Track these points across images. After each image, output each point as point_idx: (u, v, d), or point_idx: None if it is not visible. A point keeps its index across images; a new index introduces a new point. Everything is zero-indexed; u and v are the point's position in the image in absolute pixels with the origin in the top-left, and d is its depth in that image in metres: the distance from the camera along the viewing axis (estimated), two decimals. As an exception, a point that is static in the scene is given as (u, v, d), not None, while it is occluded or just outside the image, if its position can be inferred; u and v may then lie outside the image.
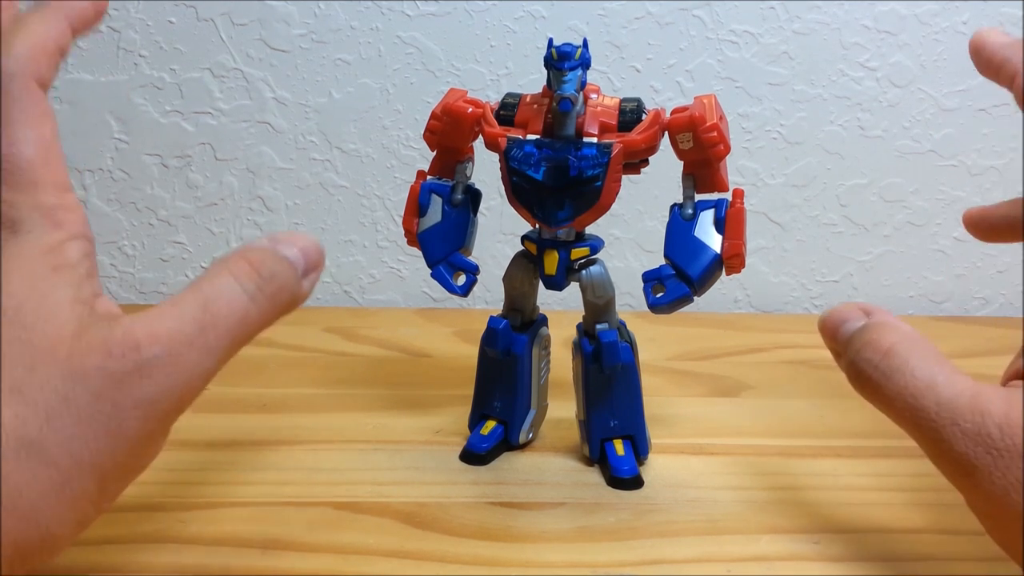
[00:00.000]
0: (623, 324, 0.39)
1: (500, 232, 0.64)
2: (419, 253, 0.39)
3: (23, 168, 0.26)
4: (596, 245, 0.38)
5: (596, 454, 0.39)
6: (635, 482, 0.38)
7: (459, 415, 0.42)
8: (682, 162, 0.37)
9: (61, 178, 0.27)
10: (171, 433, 0.35)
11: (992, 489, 0.27)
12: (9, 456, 0.23)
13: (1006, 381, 0.30)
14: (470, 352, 0.42)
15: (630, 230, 0.64)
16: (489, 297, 0.65)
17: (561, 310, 0.45)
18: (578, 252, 0.37)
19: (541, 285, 0.38)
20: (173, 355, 0.25)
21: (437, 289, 0.64)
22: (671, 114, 0.36)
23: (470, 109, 0.38)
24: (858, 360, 0.30)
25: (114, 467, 0.25)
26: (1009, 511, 0.27)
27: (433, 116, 0.39)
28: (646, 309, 0.36)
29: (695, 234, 0.36)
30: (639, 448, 0.39)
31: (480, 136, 0.38)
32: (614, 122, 0.36)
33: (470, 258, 0.40)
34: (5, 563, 0.23)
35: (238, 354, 0.28)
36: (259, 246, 0.29)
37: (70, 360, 0.24)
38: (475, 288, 0.40)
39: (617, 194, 0.36)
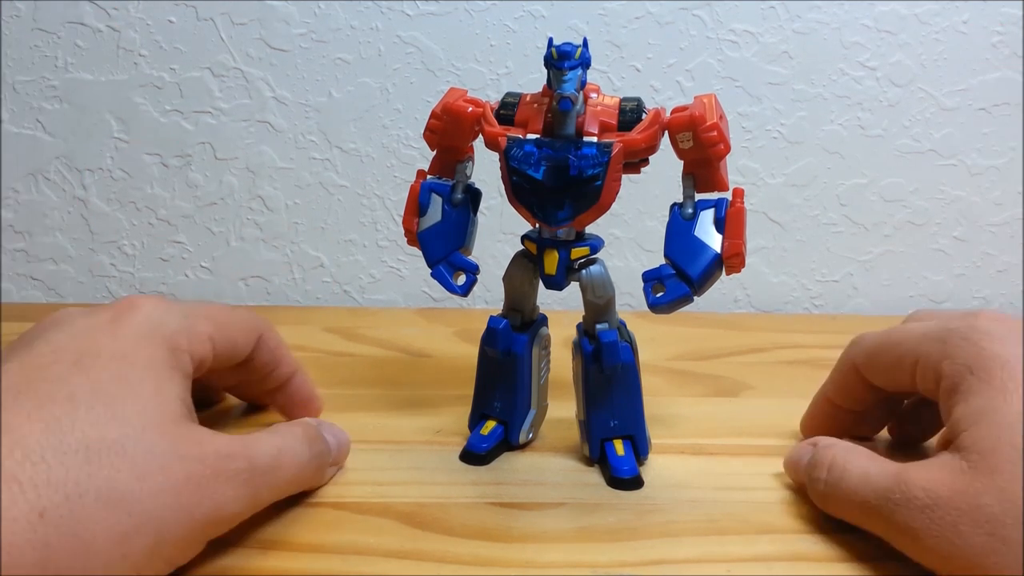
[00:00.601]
0: (623, 324, 0.39)
1: (500, 232, 0.64)
2: (419, 253, 0.39)
3: None
4: (596, 245, 0.38)
5: (596, 454, 0.39)
6: (635, 482, 0.38)
7: (459, 415, 0.42)
8: (682, 161, 0.37)
9: None
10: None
11: (937, 545, 0.29)
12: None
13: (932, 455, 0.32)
14: (470, 352, 0.42)
15: (630, 230, 0.64)
16: (489, 297, 0.65)
17: (561, 310, 0.45)
18: (578, 252, 0.37)
19: (541, 285, 0.38)
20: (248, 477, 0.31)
21: (437, 289, 0.64)
22: (671, 113, 0.36)
23: (470, 108, 0.38)
24: (812, 482, 0.35)
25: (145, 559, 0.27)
26: (959, 562, 0.28)
27: (433, 115, 0.39)
28: (646, 309, 0.36)
29: (695, 234, 0.36)
30: (639, 448, 0.39)
31: (480, 135, 0.38)
32: (614, 121, 0.36)
33: (470, 258, 0.40)
34: None
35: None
36: (313, 422, 0.37)
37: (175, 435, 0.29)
38: (475, 288, 0.40)
39: (617, 194, 0.36)
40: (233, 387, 0.43)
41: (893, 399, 0.40)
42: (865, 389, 0.39)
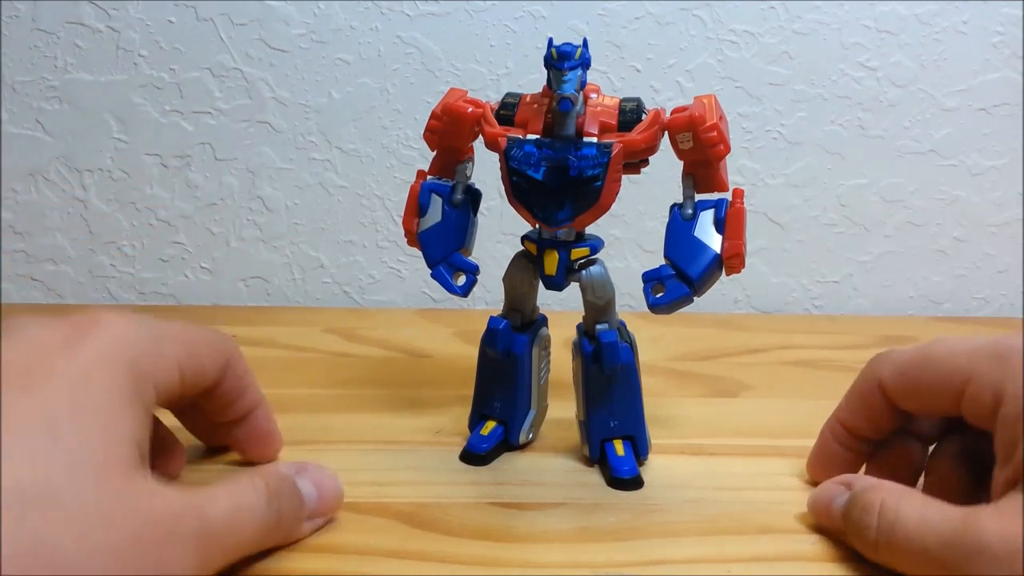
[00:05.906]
0: (623, 324, 0.39)
1: (500, 232, 0.64)
2: (419, 253, 0.39)
3: None
4: (596, 245, 0.38)
5: (596, 454, 0.39)
6: (635, 482, 0.38)
7: (459, 415, 0.42)
8: (682, 162, 0.37)
9: None
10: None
11: None
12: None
13: (997, 493, 0.29)
14: (470, 352, 0.42)
15: (630, 230, 0.64)
16: (489, 297, 0.65)
17: (561, 310, 0.45)
18: (578, 252, 0.37)
19: (541, 285, 0.38)
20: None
21: (437, 289, 0.64)
22: (671, 114, 0.36)
23: (470, 109, 0.38)
24: (859, 528, 0.31)
25: None
26: None
27: (433, 116, 0.39)
28: (646, 309, 0.36)
29: (695, 234, 0.36)
30: (639, 448, 0.39)
31: (480, 136, 0.38)
32: (614, 122, 0.36)
33: (470, 258, 0.40)
34: None
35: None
36: (289, 471, 0.33)
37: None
38: (475, 288, 0.40)
39: (617, 194, 0.36)
40: (184, 413, 0.38)
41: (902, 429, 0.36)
42: (889, 413, 0.35)
